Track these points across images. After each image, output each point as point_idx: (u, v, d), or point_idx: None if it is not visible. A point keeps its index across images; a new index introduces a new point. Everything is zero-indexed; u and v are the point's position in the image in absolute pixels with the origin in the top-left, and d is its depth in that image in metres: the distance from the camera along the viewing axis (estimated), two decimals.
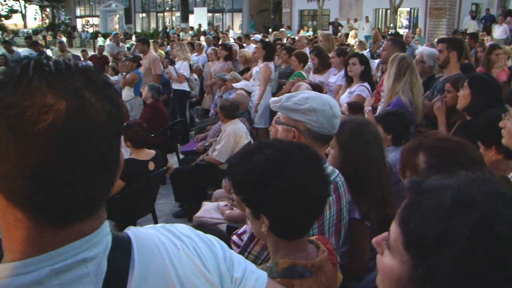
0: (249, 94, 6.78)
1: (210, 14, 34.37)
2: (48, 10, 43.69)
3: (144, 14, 40.32)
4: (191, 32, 23.80)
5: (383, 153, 2.64)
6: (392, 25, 21.81)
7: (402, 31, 19.80)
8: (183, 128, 7.76)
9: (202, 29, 25.91)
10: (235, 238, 2.50)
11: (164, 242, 0.93)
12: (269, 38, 12.97)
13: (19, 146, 0.69)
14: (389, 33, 15.68)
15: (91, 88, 0.75)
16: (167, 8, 39.04)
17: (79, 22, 44.14)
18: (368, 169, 2.45)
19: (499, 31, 17.20)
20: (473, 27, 19.51)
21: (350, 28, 22.74)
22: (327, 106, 2.03)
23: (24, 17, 46.84)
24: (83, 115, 0.73)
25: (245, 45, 11.70)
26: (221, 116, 5.41)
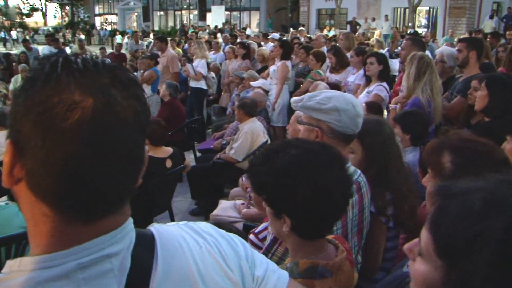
0: (266, 92, 6.78)
1: (227, 13, 34.43)
2: (67, 8, 44.16)
3: (162, 12, 40.58)
4: (208, 31, 23.86)
5: (400, 148, 2.65)
6: (410, 24, 21.60)
7: (420, 30, 19.58)
8: (200, 126, 7.78)
9: (218, 27, 25.92)
10: (253, 237, 2.50)
11: (186, 240, 0.93)
12: (286, 37, 12.94)
13: (47, 143, 0.70)
14: (407, 32, 15.53)
15: (118, 85, 0.76)
16: (185, 6, 39.23)
17: (98, 20, 44.57)
18: (388, 163, 2.44)
19: None
20: (490, 26, 19.18)
21: (368, 27, 22.58)
22: (350, 105, 2.01)
23: (44, 15, 47.48)
24: (110, 112, 0.73)
25: (263, 43, 11.69)
26: (239, 114, 5.38)
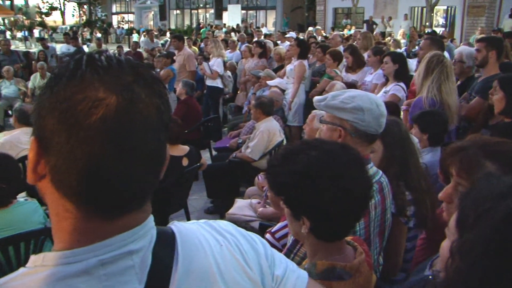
0: (283, 91, 6.76)
1: (243, 11, 34.44)
2: (85, 7, 44.60)
3: (178, 11, 40.76)
4: (224, 29, 23.89)
5: (416, 147, 2.65)
6: (428, 23, 21.38)
7: (438, 30, 19.37)
8: (216, 124, 7.81)
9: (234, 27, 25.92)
10: (269, 236, 2.50)
11: (207, 238, 0.93)
12: (302, 36, 12.90)
13: (71, 139, 0.71)
14: (425, 32, 15.37)
15: (141, 83, 0.76)
16: (201, 5, 39.36)
17: (115, 19, 44.96)
18: (408, 162, 2.44)
19: None
20: (509, 26, 18.86)
21: (385, 26, 22.39)
22: (374, 105, 1.99)
23: (63, 14, 48.00)
24: (133, 110, 0.74)
25: (279, 42, 11.67)
26: (256, 113, 5.37)
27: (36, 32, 36.13)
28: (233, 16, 29.69)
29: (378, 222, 2.05)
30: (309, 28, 18.19)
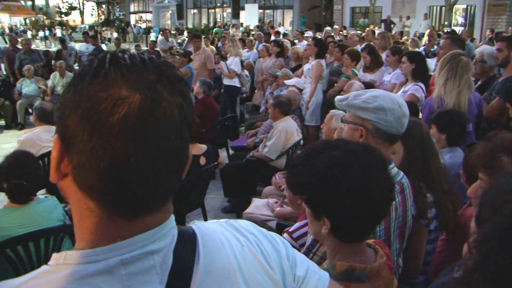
0: (300, 91, 6.74)
1: (261, 11, 34.44)
2: (104, 6, 45.04)
3: (195, 10, 40.98)
4: (242, 28, 23.91)
5: (436, 147, 2.62)
6: (447, 22, 21.12)
7: (457, 29, 19.11)
8: (233, 124, 7.81)
9: (251, 27, 25.90)
10: (287, 236, 2.49)
11: (228, 238, 0.93)
12: (320, 35, 12.85)
13: (94, 137, 0.71)
14: (444, 31, 15.18)
15: (164, 82, 0.76)
16: (218, 4, 39.50)
17: (133, 18, 45.32)
18: (430, 163, 2.41)
19: None
20: None
21: (403, 25, 22.19)
22: (396, 105, 1.97)
23: (82, 13, 48.54)
24: (156, 108, 0.73)
25: (296, 41, 11.64)
26: (274, 112, 5.36)
27: (58, 31, 36.64)
28: (250, 15, 29.72)
29: (399, 224, 2.02)
30: (326, 27, 18.10)
